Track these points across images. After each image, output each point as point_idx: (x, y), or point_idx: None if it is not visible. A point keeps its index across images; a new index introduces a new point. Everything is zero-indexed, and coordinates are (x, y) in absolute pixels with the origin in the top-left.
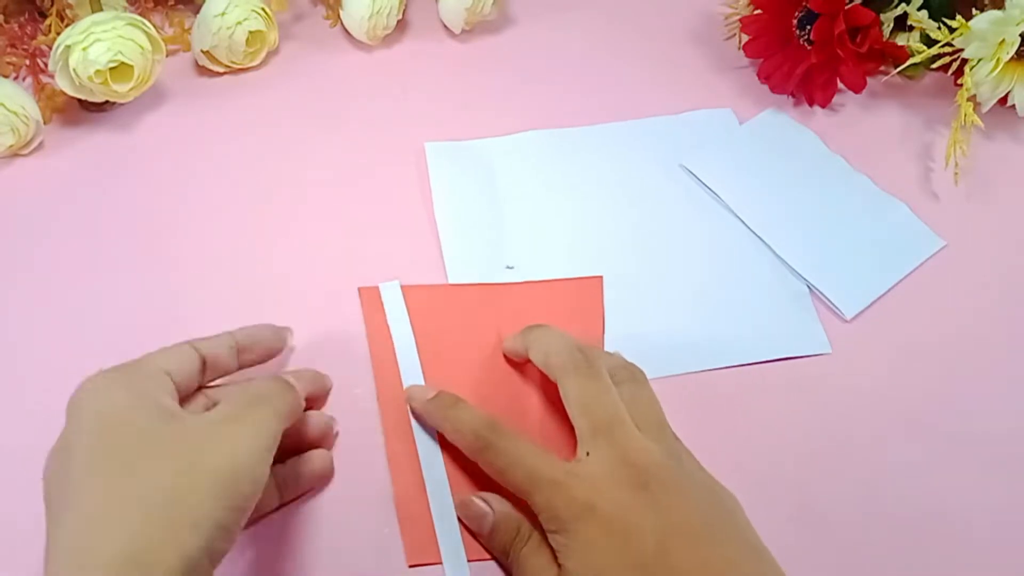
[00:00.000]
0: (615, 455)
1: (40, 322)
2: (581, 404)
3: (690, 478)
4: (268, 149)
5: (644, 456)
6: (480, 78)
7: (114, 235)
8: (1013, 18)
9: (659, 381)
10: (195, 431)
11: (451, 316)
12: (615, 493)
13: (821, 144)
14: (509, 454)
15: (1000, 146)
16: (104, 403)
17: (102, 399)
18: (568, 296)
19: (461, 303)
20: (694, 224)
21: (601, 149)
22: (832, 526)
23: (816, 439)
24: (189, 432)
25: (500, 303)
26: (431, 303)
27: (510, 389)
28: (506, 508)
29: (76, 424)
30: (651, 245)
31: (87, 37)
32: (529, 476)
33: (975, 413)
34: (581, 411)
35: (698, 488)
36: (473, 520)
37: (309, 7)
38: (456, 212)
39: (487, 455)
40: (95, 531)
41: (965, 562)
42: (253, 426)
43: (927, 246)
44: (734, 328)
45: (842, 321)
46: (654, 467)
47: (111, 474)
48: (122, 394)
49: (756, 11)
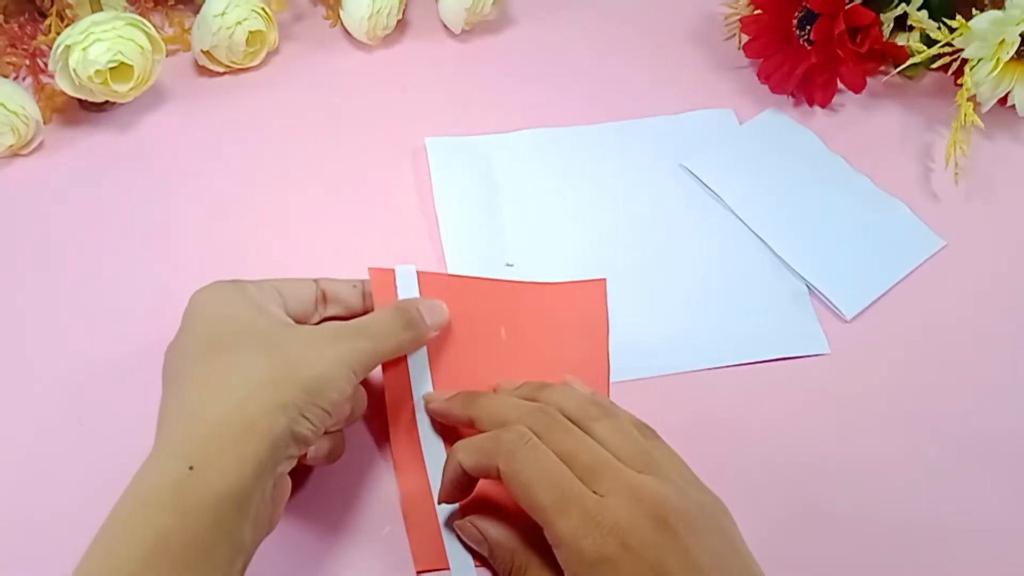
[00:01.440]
0: (626, 487)
1: (40, 322)
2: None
3: (701, 511)
4: (268, 149)
5: (659, 494)
6: (480, 78)
7: (114, 235)
8: (1013, 18)
9: (658, 380)
10: (296, 338)
11: (459, 308)
12: (640, 529)
13: (821, 144)
14: (537, 466)
15: (1000, 146)
16: (220, 303)
17: (219, 300)
18: (574, 299)
19: (471, 296)
20: (693, 224)
21: (602, 148)
22: (832, 525)
23: (816, 439)
24: (291, 337)
25: (507, 301)
26: (441, 292)
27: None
28: (500, 536)
29: (194, 317)
30: (650, 244)
31: (87, 37)
32: (557, 498)
33: (975, 412)
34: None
35: (708, 520)
36: (471, 542)
37: (309, 7)
38: (457, 208)
39: (513, 464)
40: (206, 398)
41: (965, 561)
42: (348, 352)
43: (927, 246)
44: (733, 328)
45: (842, 321)
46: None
47: (221, 356)
48: (236, 297)
49: (756, 11)
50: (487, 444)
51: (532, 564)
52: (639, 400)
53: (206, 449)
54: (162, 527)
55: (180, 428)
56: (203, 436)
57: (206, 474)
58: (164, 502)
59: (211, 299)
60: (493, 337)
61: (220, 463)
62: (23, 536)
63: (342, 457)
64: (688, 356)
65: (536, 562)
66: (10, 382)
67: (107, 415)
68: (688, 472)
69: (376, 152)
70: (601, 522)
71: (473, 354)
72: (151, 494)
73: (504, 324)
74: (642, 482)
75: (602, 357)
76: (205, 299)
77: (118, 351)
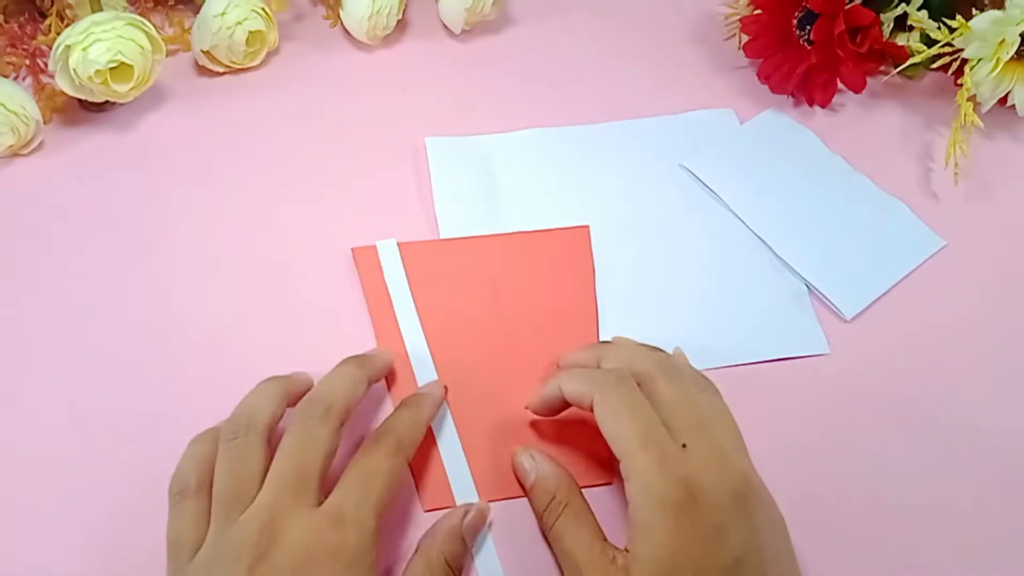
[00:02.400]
0: (716, 453)
1: (40, 322)
2: (669, 403)
3: (775, 507)
4: (268, 149)
5: (739, 465)
6: (480, 78)
7: (114, 235)
8: (1013, 18)
9: None
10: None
11: (446, 271)
12: (718, 493)
13: (821, 144)
14: (630, 401)
15: (1000, 146)
16: (313, 558)
17: (313, 553)
18: (559, 245)
19: (456, 257)
20: (693, 224)
21: (602, 148)
22: (833, 525)
23: (816, 438)
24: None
25: (492, 254)
26: (425, 259)
27: (509, 343)
28: (546, 470)
29: (283, 559)
30: (650, 244)
31: (87, 37)
32: (643, 433)
33: (974, 411)
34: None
35: (777, 516)
36: (519, 472)
37: (309, 7)
38: (457, 208)
39: (609, 395)
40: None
41: (965, 562)
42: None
43: (927, 246)
44: (732, 328)
45: (842, 321)
46: (747, 480)
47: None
48: (327, 561)
49: (756, 11)
50: (591, 375)
51: (573, 503)
52: None
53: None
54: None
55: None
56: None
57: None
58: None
59: (309, 546)
60: (484, 294)
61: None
62: (23, 536)
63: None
64: (688, 356)
65: (577, 502)
66: (9, 382)
67: (107, 415)
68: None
69: (376, 152)
70: (678, 468)
71: (466, 313)
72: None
73: (492, 278)
74: (727, 453)
75: (590, 300)
76: (301, 543)
77: (118, 351)
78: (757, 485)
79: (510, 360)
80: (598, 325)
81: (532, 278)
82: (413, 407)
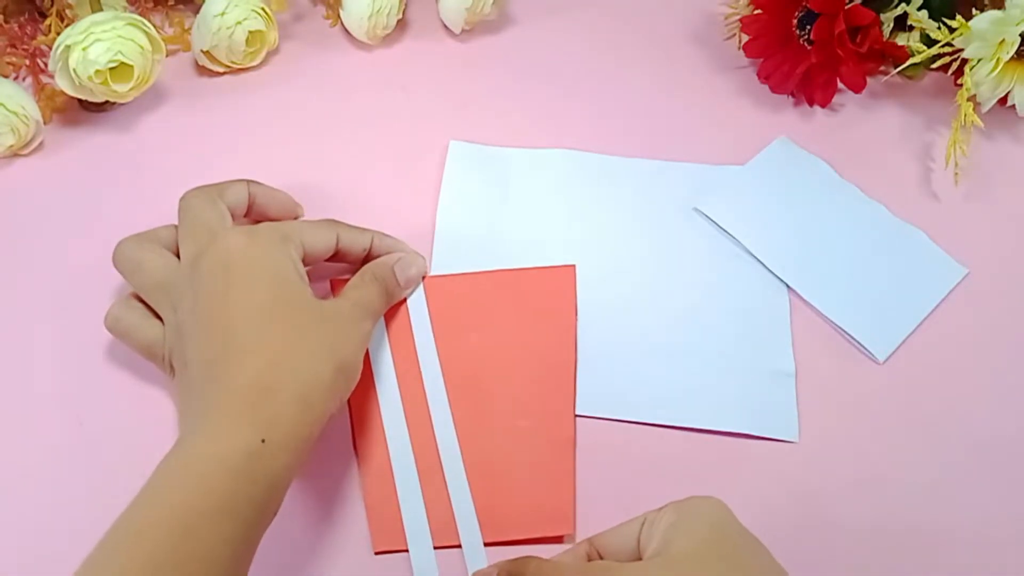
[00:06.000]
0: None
1: (40, 322)
2: None
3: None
4: (268, 149)
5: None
6: (480, 78)
7: (114, 235)
8: (1013, 18)
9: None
10: (332, 316)
11: (430, 305)
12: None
13: (833, 173)
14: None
15: (1000, 146)
16: (274, 264)
17: (272, 261)
18: (542, 284)
19: (434, 291)
20: (696, 274)
21: (623, 181)
22: (841, 536)
23: (826, 451)
24: (328, 314)
25: (472, 290)
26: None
27: (478, 383)
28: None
29: (251, 278)
30: (648, 289)
31: (87, 37)
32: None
33: (979, 416)
34: None
35: None
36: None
37: (309, 7)
38: (458, 215)
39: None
40: (277, 374)
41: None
42: (364, 336)
43: (950, 276)
44: (711, 391)
45: (875, 364)
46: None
47: (284, 328)
48: (285, 261)
49: (756, 11)
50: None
51: (543, 567)
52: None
53: (277, 426)
54: (234, 490)
55: (251, 399)
56: (274, 413)
57: (275, 450)
58: (239, 468)
59: (265, 259)
60: (458, 330)
61: (287, 443)
62: (23, 536)
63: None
64: (654, 409)
65: (546, 564)
66: (10, 382)
67: (107, 415)
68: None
69: (375, 152)
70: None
71: (439, 348)
72: (228, 458)
73: (470, 315)
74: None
75: (569, 343)
76: (258, 258)
77: (118, 351)
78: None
79: (479, 401)
80: (576, 367)
81: (511, 317)
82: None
